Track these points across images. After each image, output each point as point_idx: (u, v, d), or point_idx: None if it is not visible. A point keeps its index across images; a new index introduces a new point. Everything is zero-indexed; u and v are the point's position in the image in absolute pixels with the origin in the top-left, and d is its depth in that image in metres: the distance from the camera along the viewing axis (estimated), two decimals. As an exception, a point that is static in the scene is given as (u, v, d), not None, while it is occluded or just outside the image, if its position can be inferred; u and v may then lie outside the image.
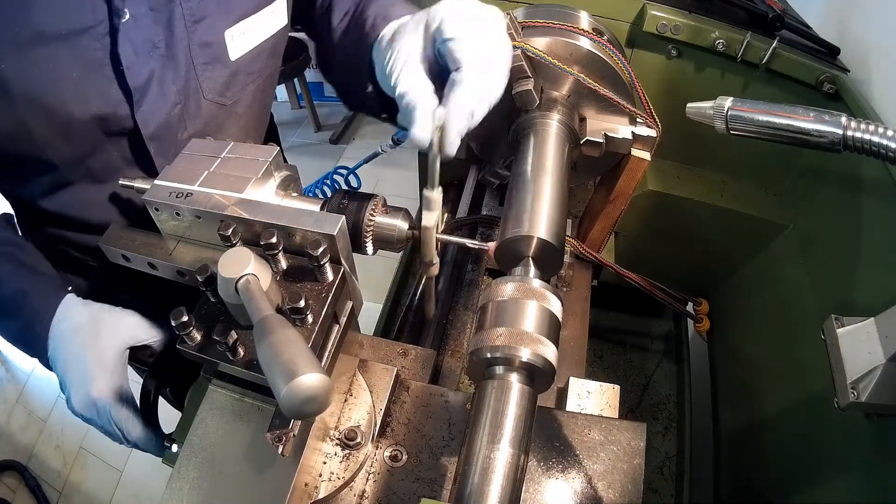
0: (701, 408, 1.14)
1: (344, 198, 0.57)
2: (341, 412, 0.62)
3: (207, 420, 0.56)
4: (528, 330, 0.49)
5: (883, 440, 0.65)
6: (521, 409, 0.47)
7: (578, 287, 0.91)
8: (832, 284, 0.83)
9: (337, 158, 3.19)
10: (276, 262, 0.50)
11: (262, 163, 0.55)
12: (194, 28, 0.64)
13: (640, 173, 0.76)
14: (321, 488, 0.57)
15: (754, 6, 0.89)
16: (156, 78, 0.64)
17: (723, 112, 0.52)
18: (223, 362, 0.47)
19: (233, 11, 0.68)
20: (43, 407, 2.26)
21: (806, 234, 0.94)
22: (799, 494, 0.79)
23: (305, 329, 0.47)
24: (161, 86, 0.65)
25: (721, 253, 1.10)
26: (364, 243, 0.56)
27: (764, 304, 1.03)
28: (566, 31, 0.71)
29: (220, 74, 0.71)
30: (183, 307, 0.47)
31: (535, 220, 0.57)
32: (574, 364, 0.81)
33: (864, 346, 0.57)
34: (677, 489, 1.06)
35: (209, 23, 0.66)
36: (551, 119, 0.70)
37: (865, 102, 0.81)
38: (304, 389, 0.35)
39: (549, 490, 0.59)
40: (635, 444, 0.61)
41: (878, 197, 0.76)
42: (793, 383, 0.88)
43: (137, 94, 0.63)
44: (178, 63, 0.65)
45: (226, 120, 0.76)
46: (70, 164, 0.68)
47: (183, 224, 0.56)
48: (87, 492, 2.04)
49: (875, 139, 0.45)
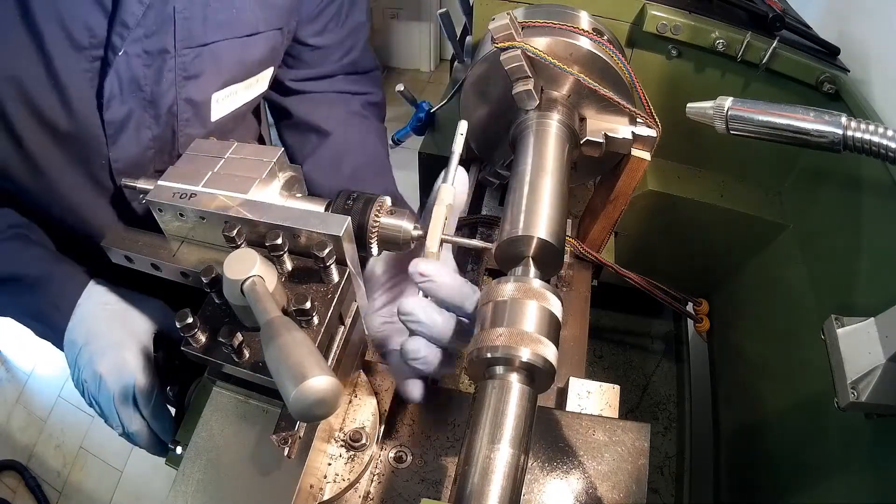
0: (701, 408, 1.15)
1: (349, 199, 0.57)
2: (346, 414, 0.62)
3: (212, 422, 0.56)
4: (528, 330, 0.49)
5: (883, 440, 0.66)
6: (522, 409, 0.47)
7: (578, 287, 0.91)
8: (832, 284, 0.84)
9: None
10: (281, 264, 0.50)
11: (267, 163, 0.56)
12: (184, 84, 0.65)
13: (640, 173, 0.76)
14: (326, 490, 0.57)
15: (754, 6, 0.89)
16: (133, 119, 0.65)
17: (723, 112, 0.53)
18: (229, 364, 0.47)
19: (223, 75, 0.69)
20: (43, 407, 2.25)
21: (806, 234, 0.94)
22: (799, 494, 0.79)
23: (311, 331, 0.47)
24: (137, 129, 0.66)
25: (721, 253, 1.10)
26: (369, 244, 0.56)
27: (764, 304, 1.03)
28: (566, 31, 0.71)
29: (198, 133, 0.72)
30: (188, 308, 0.47)
31: (534, 220, 0.57)
32: (574, 364, 0.82)
33: (864, 346, 0.57)
34: (677, 489, 1.06)
35: (200, 82, 0.67)
36: (551, 119, 0.70)
37: (865, 102, 0.81)
38: (314, 392, 0.35)
39: (553, 491, 0.59)
40: (639, 444, 0.61)
41: (878, 197, 0.77)
42: (793, 383, 0.88)
43: (112, 129, 0.63)
44: (160, 112, 0.66)
45: None
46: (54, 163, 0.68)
47: (187, 225, 0.56)
48: (87, 492, 2.03)
49: (875, 139, 0.45)
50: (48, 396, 2.29)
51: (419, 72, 3.65)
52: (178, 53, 0.63)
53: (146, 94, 0.64)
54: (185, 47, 0.63)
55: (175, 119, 0.68)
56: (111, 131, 0.64)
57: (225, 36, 0.66)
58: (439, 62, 3.68)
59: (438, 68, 3.67)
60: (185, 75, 0.65)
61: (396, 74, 3.62)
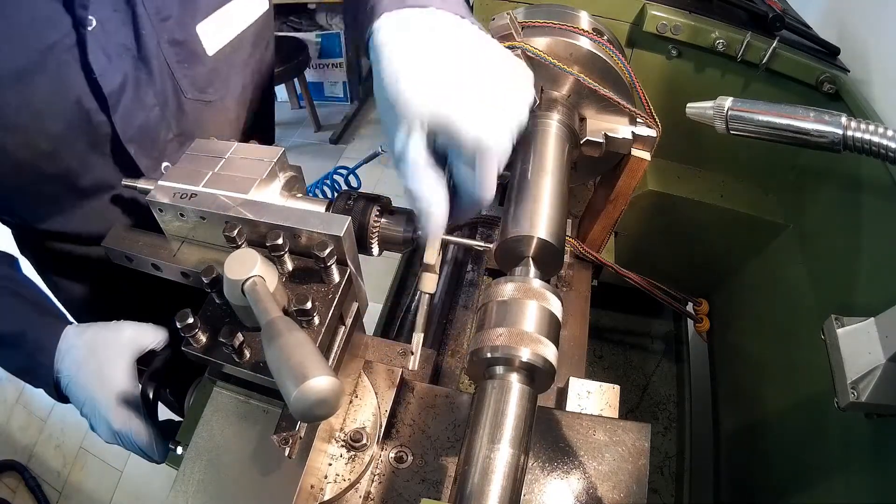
0: (701, 408, 1.15)
1: (350, 199, 0.57)
2: (346, 414, 0.62)
3: (213, 422, 0.56)
4: (528, 330, 0.49)
5: (883, 440, 0.66)
6: (522, 409, 0.47)
7: (578, 287, 0.91)
8: (832, 284, 0.84)
9: (337, 158, 3.19)
10: (282, 264, 0.50)
11: (267, 163, 0.56)
12: (162, 26, 0.63)
13: (640, 173, 0.76)
14: (326, 490, 0.57)
15: (754, 6, 0.89)
16: (130, 81, 0.63)
17: (723, 112, 0.52)
18: (229, 364, 0.47)
19: (199, 5, 0.66)
20: (43, 407, 2.25)
21: (806, 234, 0.94)
22: (799, 494, 0.79)
23: (312, 331, 0.47)
24: (136, 89, 0.64)
25: (721, 253, 1.10)
26: (370, 244, 0.56)
27: (764, 304, 1.03)
28: (566, 31, 0.71)
29: (199, 71, 0.69)
30: (188, 309, 0.47)
31: (535, 220, 0.57)
32: (574, 364, 0.82)
33: (864, 346, 0.57)
34: (677, 489, 1.06)
35: (177, 20, 0.64)
36: (551, 119, 0.70)
37: (865, 102, 0.82)
38: (315, 392, 0.35)
39: (553, 491, 0.59)
40: (640, 444, 0.61)
41: (878, 197, 0.77)
42: (793, 383, 0.88)
43: (112, 99, 0.62)
44: (151, 64, 0.64)
45: (213, 117, 0.75)
46: (56, 180, 0.67)
47: (187, 225, 0.56)
48: (87, 492, 2.03)
49: (875, 139, 0.45)
50: (48, 397, 2.28)
51: (419, 72, 3.65)
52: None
53: (133, 51, 0.62)
54: None
55: (168, 66, 0.66)
56: (112, 101, 0.62)
57: None
58: (439, 62, 3.67)
59: (438, 68, 3.66)
60: (160, 17, 0.63)
61: (396, 74, 3.62)
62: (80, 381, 0.65)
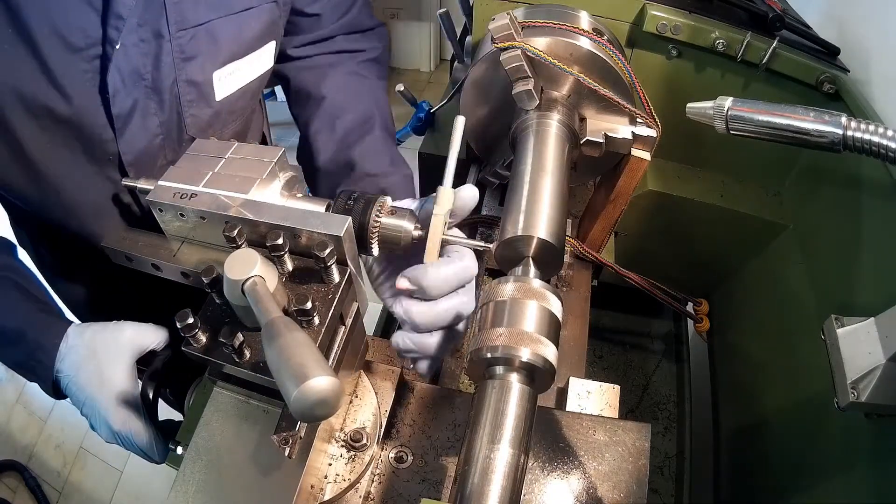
0: (701, 408, 1.15)
1: (350, 199, 0.57)
2: (346, 414, 0.62)
3: (213, 422, 0.56)
4: (528, 330, 0.49)
5: (883, 440, 0.66)
6: (522, 409, 0.47)
7: (578, 287, 0.91)
8: (832, 284, 0.84)
9: (336, 158, 3.19)
10: (282, 264, 0.50)
11: (268, 163, 0.56)
12: (182, 66, 0.65)
13: (640, 173, 0.76)
14: (327, 490, 0.57)
15: (754, 6, 0.89)
16: (139, 108, 0.65)
17: (723, 112, 0.52)
18: (229, 364, 0.47)
19: (222, 53, 0.69)
20: (43, 407, 2.25)
21: (806, 234, 0.94)
22: (799, 494, 0.79)
23: (312, 331, 0.47)
24: (144, 117, 0.66)
25: (721, 253, 1.10)
26: (370, 244, 0.57)
27: (764, 304, 1.03)
28: (566, 31, 0.71)
29: (205, 112, 0.72)
30: (188, 309, 0.47)
31: (534, 220, 0.57)
32: (574, 364, 0.82)
33: (864, 346, 0.57)
34: (677, 489, 1.06)
35: (198, 63, 0.67)
36: (551, 119, 0.70)
37: (865, 102, 0.81)
38: (315, 392, 0.35)
39: (553, 491, 0.59)
40: (640, 444, 0.61)
41: (878, 197, 0.77)
42: (793, 383, 0.88)
43: (120, 122, 0.64)
44: (163, 97, 0.66)
45: None
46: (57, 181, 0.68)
47: (187, 225, 0.56)
48: (87, 492, 2.03)
49: (875, 139, 0.45)
50: (48, 396, 2.28)
51: (419, 72, 3.65)
52: (173, 37, 0.63)
53: (147, 81, 0.64)
54: (179, 30, 0.63)
55: (178, 102, 0.68)
56: (119, 124, 0.64)
57: (219, 14, 0.66)
58: (439, 62, 3.68)
59: (438, 68, 3.67)
60: (183, 57, 0.65)
61: (396, 74, 3.62)
62: (81, 381, 0.66)
